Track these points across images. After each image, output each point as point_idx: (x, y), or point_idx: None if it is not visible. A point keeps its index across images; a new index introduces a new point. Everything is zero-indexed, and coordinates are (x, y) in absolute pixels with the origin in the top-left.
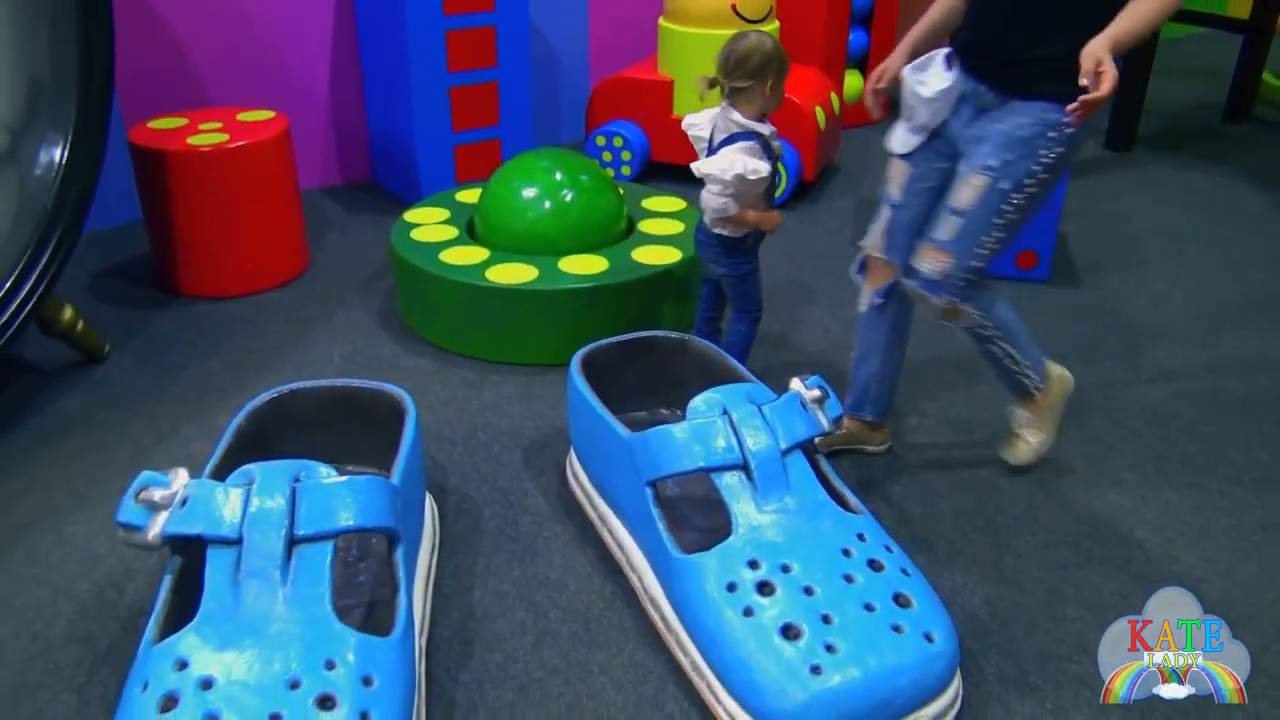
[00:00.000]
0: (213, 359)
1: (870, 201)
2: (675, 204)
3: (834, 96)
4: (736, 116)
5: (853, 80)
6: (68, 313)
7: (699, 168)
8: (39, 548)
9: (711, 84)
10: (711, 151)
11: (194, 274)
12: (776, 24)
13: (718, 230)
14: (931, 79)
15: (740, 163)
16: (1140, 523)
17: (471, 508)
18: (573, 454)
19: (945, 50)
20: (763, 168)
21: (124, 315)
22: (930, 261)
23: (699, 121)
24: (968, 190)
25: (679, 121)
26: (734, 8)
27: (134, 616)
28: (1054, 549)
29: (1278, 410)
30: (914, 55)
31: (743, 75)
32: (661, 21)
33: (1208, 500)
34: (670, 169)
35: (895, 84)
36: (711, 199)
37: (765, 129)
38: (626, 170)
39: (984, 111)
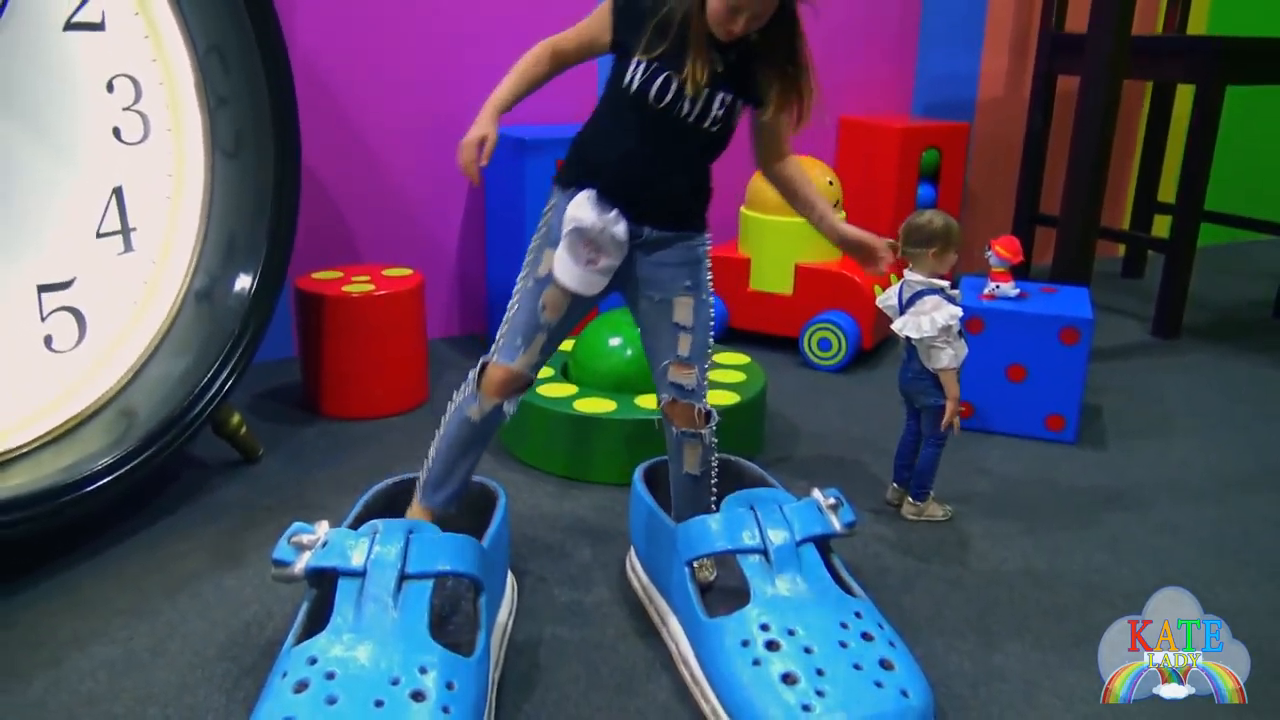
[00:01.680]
0: (345, 465)
1: None
2: (740, 359)
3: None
4: (915, 277)
5: None
6: (235, 418)
7: (900, 329)
8: (200, 592)
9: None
10: (901, 309)
11: (335, 398)
12: (844, 214)
13: (936, 368)
14: (618, 227)
15: (939, 316)
16: None
17: (545, 587)
18: (632, 552)
19: (593, 192)
20: (957, 311)
21: (276, 428)
22: (685, 376)
23: (888, 294)
24: (682, 309)
25: (756, 294)
26: None
27: (272, 645)
28: (1040, 652)
29: (1271, 556)
30: (499, 115)
31: (912, 244)
32: (742, 209)
33: None
34: (746, 335)
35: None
36: (943, 357)
37: (942, 283)
38: None
39: (653, 246)
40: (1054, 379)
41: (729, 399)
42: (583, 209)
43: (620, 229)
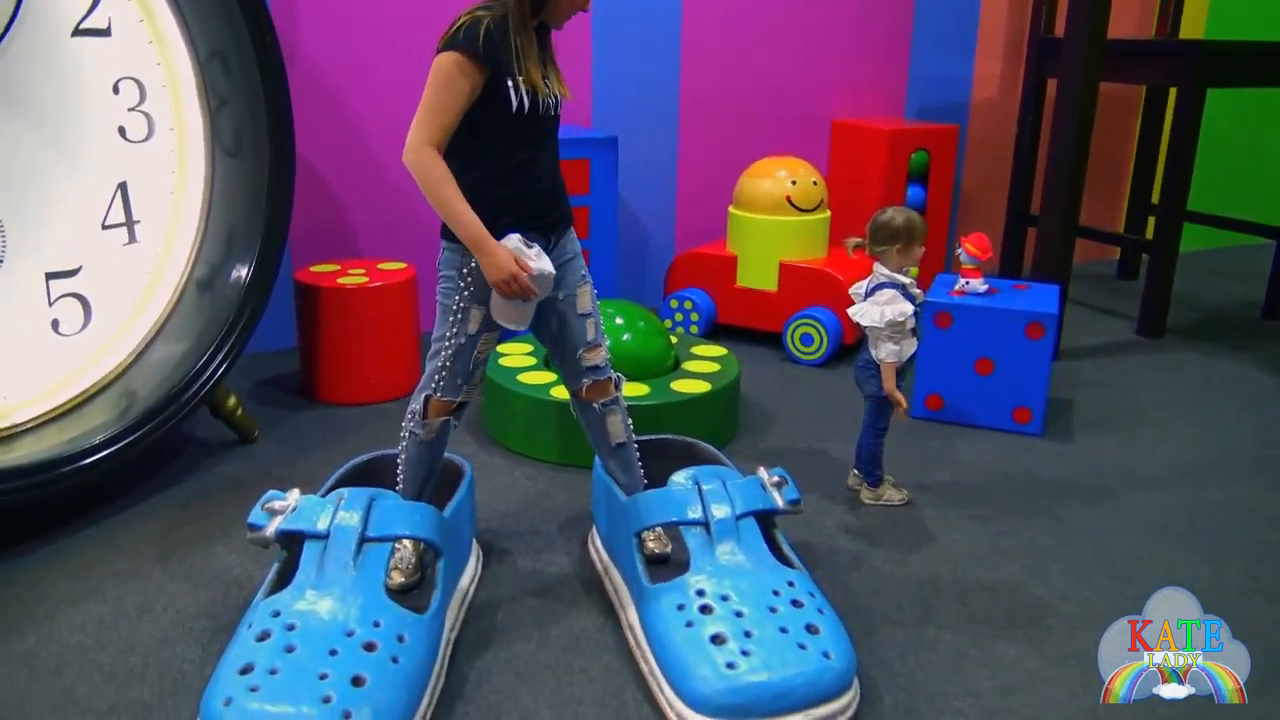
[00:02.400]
0: (336, 446)
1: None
2: (717, 350)
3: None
4: (881, 270)
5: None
6: (231, 400)
7: (854, 314)
8: (188, 558)
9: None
10: (865, 297)
11: (330, 384)
12: (828, 213)
13: (878, 358)
14: (544, 262)
15: (889, 310)
16: (1054, 613)
17: (510, 559)
18: (594, 529)
19: (518, 235)
20: (906, 308)
21: (272, 413)
22: (598, 356)
23: (860, 283)
24: (584, 298)
25: (742, 290)
26: (789, 199)
27: (248, 606)
28: (973, 624)
29: (1212, 542)
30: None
31: (876, 242)
32: (730, 209)
33: (1121, 601)
34: (732, 329)
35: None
36: (883, 349)
37: (904, 279)
38: (695, 329)
39: (552, 250)
40: (1020, 373)
41: (702, 387)
42: (519, 258)
43: (548, 263)
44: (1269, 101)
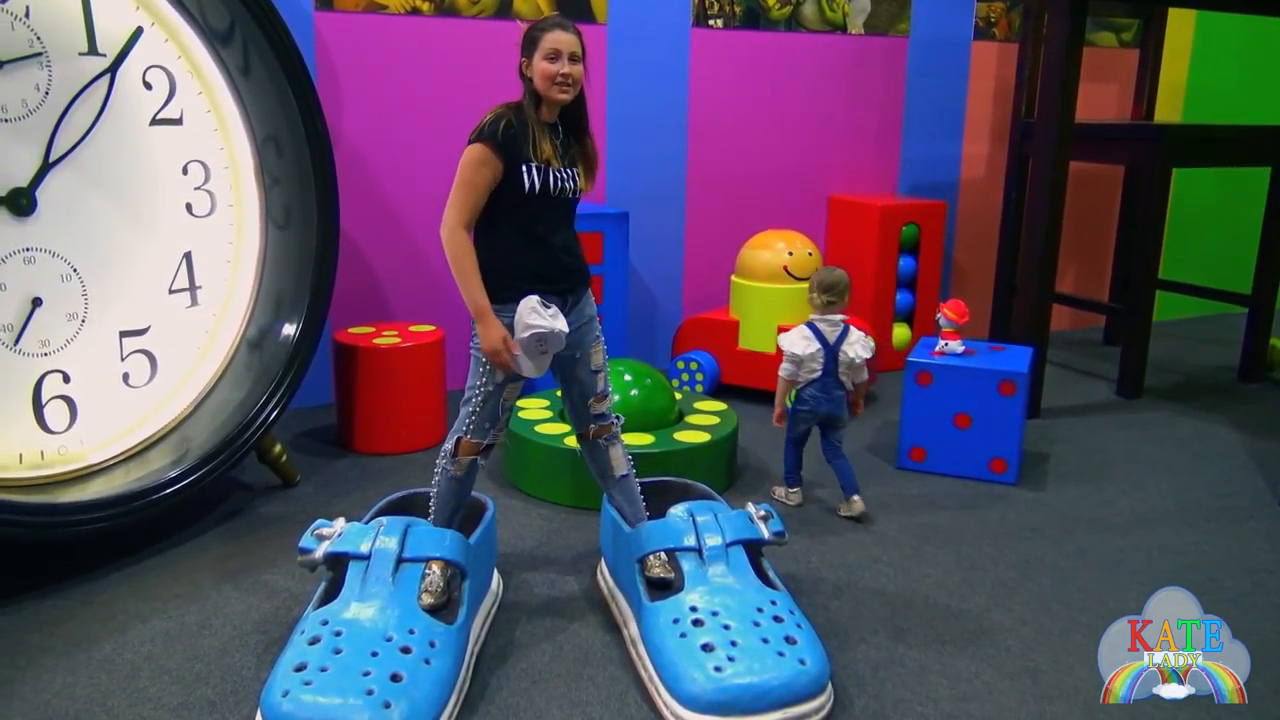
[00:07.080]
0: (370, 490)
1: (892, 421)
2: (718, 405)
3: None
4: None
5: (900, 331)
6: (277, 448)
7: None
8: (242, 584)
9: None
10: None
11: (364, 436)
12: None
13: None
14: (559, 321)
15: (788, 341)
16: (1013, 636)
17: (527, 586)
18: (602, 561)
19: (536, 297)
20: (798, 344)
21: (313, 461)
22: (605, 405)
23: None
24: (597, 355)
25: (744, 352)
26: (786, 268)
27: (297, 622)
28: (939, 644)
29: (1162, 579)
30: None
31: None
32: (733, 277)
33: (1076, 627)
34: (736, 389)
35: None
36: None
37: (821, 320)
38: (700, 389)
39: (569, 310)
40: (995, 426)
41: (701, 438)
42: (535, 317)
43: (563, 323)
44: (1244, 179)
